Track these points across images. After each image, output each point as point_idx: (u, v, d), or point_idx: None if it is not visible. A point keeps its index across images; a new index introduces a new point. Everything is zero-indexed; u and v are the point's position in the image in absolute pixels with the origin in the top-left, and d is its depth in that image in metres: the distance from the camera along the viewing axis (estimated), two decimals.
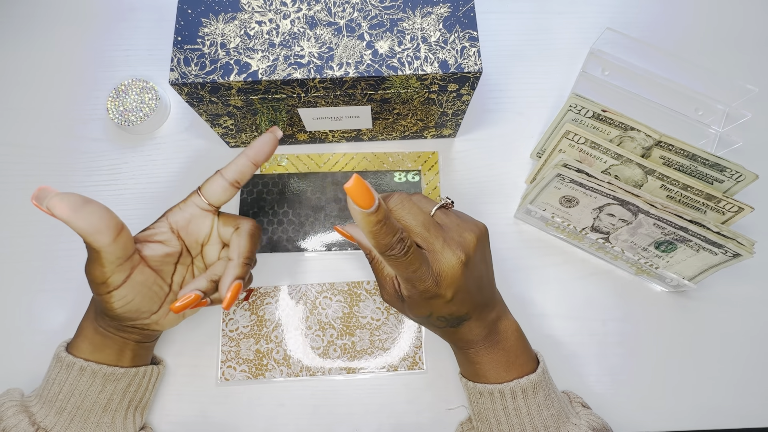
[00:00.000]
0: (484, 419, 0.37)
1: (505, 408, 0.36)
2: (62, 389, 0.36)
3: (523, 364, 0.37)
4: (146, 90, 0.50)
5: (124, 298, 0.34)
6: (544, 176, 0.42)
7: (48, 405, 0.36)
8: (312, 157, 0.50)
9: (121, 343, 0.38)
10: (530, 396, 0.36)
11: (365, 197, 0.28)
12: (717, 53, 0.54)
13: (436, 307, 0.33)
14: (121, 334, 0.37)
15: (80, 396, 0.36)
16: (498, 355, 0.36)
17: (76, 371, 0.37)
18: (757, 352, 0.45)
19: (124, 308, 0.34)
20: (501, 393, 0.36)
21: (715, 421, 0.44)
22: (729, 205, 0.41)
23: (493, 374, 0.36)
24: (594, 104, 0.43)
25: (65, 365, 0.37)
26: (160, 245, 0.36)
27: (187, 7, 0.39)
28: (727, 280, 0.47)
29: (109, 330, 0.37)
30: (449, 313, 0.34)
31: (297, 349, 0.45)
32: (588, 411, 0.38)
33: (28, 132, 0.51)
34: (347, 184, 0.28)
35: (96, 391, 0.37)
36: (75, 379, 0.36)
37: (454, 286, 0.32)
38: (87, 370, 0.37)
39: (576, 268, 0.48)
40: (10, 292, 0.46)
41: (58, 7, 0.55)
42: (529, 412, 0.35)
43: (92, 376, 0.37)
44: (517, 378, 0.36)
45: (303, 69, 0.37)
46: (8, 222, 0.48)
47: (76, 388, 0.36)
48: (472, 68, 0.38)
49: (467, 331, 0.36)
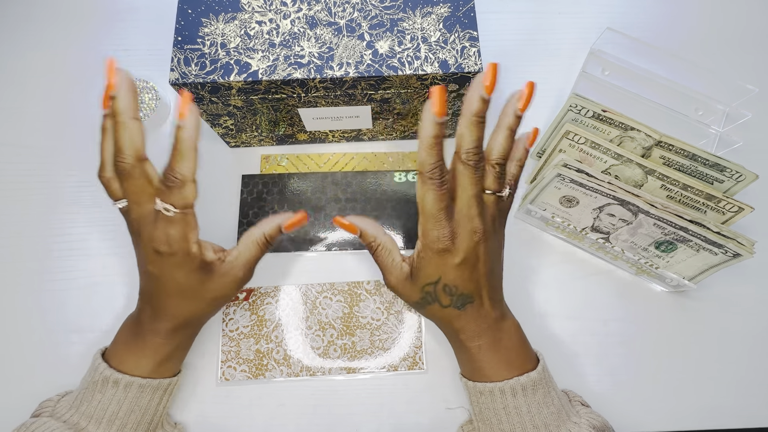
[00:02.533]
0: (485, 419, 0.37)
1: (505, 407, 0.36)
2: (121, 407, 0.36)
3: (524, 362, 0.37)
4: (146, 90, 0.50)
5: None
6: (544, 176, 0.42)
7: (107, 425, 0.36)
8: (312, 157, 0.50)
9: (176, 345, 0.38)
10: (530, 394, 0.36)
11: (443, 106, 0.30)
12: (717, 53, 0.54)
13: (445, 269, 0.34)
14: (184, 329, 0.38)
15: (141, 411, 0.37)
16: (499, 354, 0.36)
17: (135, 389, 0.37)
18: (757, 352, 0.45)
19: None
20: (501, 391, 0.36)
21: (715, 421, 0.44)
22: (729, 205, 0.41)
23: (495, 372, 0.36)
24: (594, 104, 0.43)
25: (122, 386, 0.36)
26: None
27: (187, 7, 0.39)
28: (727, 280, 0.47)
29: (157, 337, 0.37)
30: (456, 283, 0.34)
31: (297, 349, 0.45)
32: (588, 409, 0.38)
33: (27, 132, 0.51)
34: (435, 87, 0.30)
35: (155, 403, 0.38)
36: (135, 397, 0.37)
37: (465, 250, 0.33)
38: (147, 388, 0.37)
39: (576, 268, 0.48)
40: (9, 292, 0.46)
41: (57, 7, 0.55)
42: (529, 410, 0.35)
43: (152, 391, 0.37)
44: (517, 376, 0.36)
45: (303, 69, 0.37)
46: (7, 222, 0.48)
47: (137, 405, 0.37)
48: (472, 68, 0.38)
49: (470, 320, 0.36)
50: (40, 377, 0.44)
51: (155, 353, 0.37)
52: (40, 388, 0.41)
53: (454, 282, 0.34)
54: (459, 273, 0.34)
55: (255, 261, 0.38)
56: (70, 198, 0.49)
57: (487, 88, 0.31)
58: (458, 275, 0.34)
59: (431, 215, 0.33)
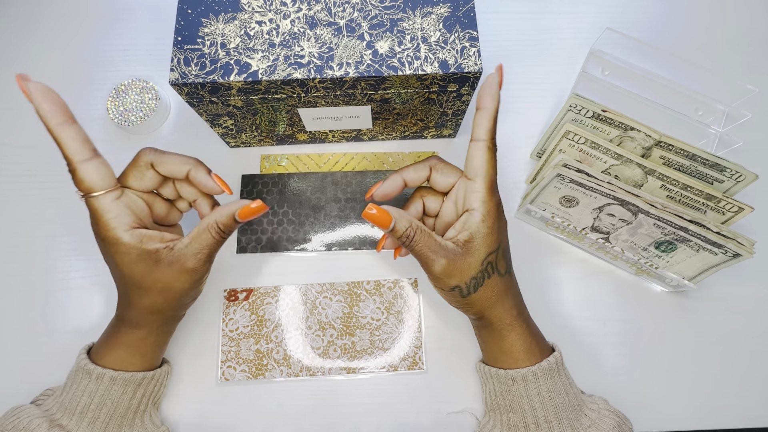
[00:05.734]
0: (517, 408, 0.37)
1: (539, 392, 0.36)
2: (93, 400, 0.36)
3: (546, 348, 0.39)
4: (146, 90, 0.50)
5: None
6: (544, 176, 0.42)
7: (79, 417, 0.36)
8: (312, 157, 0.50)
9: (145, 335, 0.38)
10: (557, 376, 0.37)
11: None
12: (717, 53, 0.54)
13: (502, 234, 0.36)
14: (148, 319, 0.37)
15: (113, 404, 0.37)
16: (530, 340, 0.37)
17: (106, 381, 0.37)
18: (757, 352, 0.45)
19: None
20: (534, 375, 0.36)
21: (715, 421, 0.44)
22: (729, 205, 0.41)
23: (523, 357, 0.37)
24: (594, 104, 0.43)
25: (95, 377, 0.37)
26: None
27: (187, 7, 0.39)
28: (727, 280, 0.47)
29: (123, 327, 0.37)
30: (507, 245, 0.37)
31: (297, 349, 0.45)
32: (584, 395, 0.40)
33: (27, 132, 0.51)
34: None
35: (128, 397, 0.37)
36: (107, 389, 0.36)
37: (493, 215, 0.36)
38: (118, 380, 0.37)
39: (576, 268, 0.48)
40: (10, 292, 0.46)
41: (57, 7, 0.55)
42: (564, 388, 0.37)
43: (124, 384, 0.37)
44: (546, 359, 0.37)
45: (303, 69, 0.37)
46: (7, 222, 0.48)
47: (108, 397, 0.36)
48: (472, 68, 0.37)
49: (515, 285, 0.38)
50: (40, 377, 0.43)
51: (125, 345, 0.37)
52: (40, 388, 0.41)
53: (506, 244, 0.37)
54: (506, 235, 0.37)
55: (208, 250, 0.35)
56: (70, 198, 0.49)
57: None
58: (506, 238, 0.37)
59: (494, 180, 0.36)
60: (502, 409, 0.38)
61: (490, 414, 0.39)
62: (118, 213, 0.34)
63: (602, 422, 0.36)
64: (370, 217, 0.34)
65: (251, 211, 0.35)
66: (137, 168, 0.36)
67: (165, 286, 0.35)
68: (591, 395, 0.40)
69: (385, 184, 0.38)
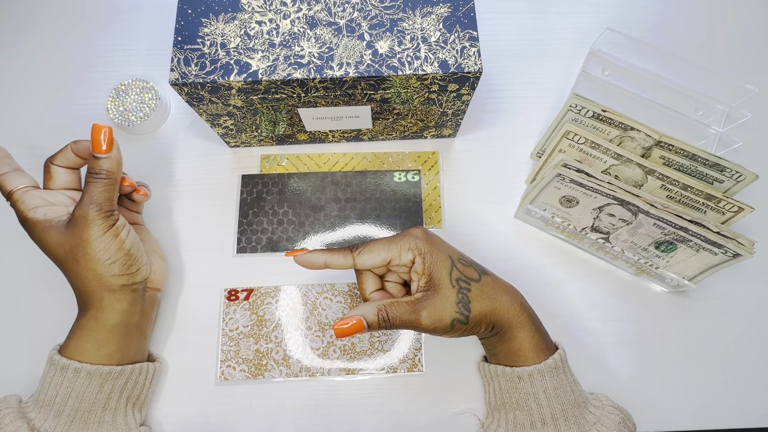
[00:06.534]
0: (523, 406, 0.37)
1: (545, 389, 0.36)
2: (59, 392, 0.36)
3: (551, 345, 0.39)
4: (146, 90, 0.50)
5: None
6: (544, 176, 0.42)
7: (46, 409, 0.36)
8: (312, 157, 0.50)
9: (96, 316, 0.37)
10: (562, 373, 0.37)
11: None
12: (717, 53, 0.54)
13: (444, 251, 0.38)
14: (89, 296, 0.37)
15: (77, 398, 0.36)
16: (537, 337, 0.38)
17: (71, 373, 0.36)
18: (758, 352, 0.45)
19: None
20: (541, 373, 0.36)
21: (715, 421, 0.43)
22: (729, 205, 0.41)
23: (533, 355, 0.37)
24: (594, 104, 0.43)
25: (59, 368, 0.37)
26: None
27: (187, 7, 0.39)
28: (727, 280, 0.46)
29: (78, 318, 0.38)
30: (449, 262, 0.37)
31: (297, 350, 0.44)
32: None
33: (27, 132, 0.51)
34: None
35: (94, 391, 0.37)
36: (71, 381, 0.36)
37: (423, 246, 0.37)
38: (82, 372, 0.36)
39: (576, 268, 0.48)
40: (9, 292, 0.46)
41: (57, 7, 0.55)
42: (565, 388, 0.37)
43: (88, 376, 0.37)
44: (551, 356, 0.38)
45: (303, 69, 0.37)
46: (8, 222, 0.48)
47: (73, 390, 0.36)
48: (472, 68, 0.37)
49: (498, 291, 0.38)
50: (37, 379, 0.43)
51: (86, 332, 0.37)
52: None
53: (458, 253, 0.38)
54: (452, 247, 0.39)
55: (95, 197, 0.37)
56: None
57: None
58: (453, 249, 0.39)
59: (394, 236, 0.38)
60: (508, 407, 0.38)
61: (494, 413, 0.39)
62: (26, 199, 0.38)
63: (607, 419, 0.36)
64: (345, 332, 0.35)
65: (95, 133, 0.37)
66: (48, 177, 0.40)
67: (74, 246, 0.36)
68: (592, 393, 0.40)
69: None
